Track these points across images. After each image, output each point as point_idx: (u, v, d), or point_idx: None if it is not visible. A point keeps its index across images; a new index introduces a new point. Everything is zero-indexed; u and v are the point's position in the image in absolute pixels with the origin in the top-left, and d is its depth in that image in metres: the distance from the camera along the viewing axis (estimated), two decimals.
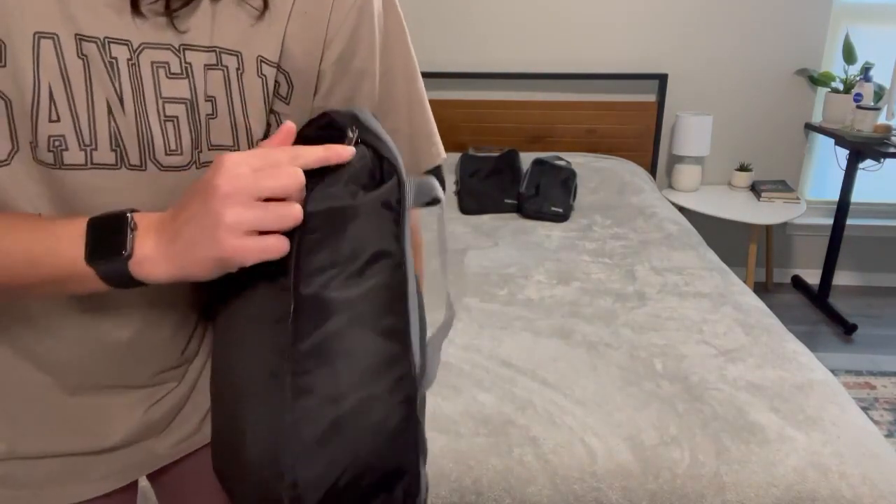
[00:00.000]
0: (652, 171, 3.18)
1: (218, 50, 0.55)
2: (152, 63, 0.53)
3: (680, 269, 2.07)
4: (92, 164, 0.53)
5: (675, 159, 3.20)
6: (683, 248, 2.25)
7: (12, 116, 0.51)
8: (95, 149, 0.53)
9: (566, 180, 2.63)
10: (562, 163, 2.73)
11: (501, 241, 2.34)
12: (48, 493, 0.68)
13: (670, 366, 1.51)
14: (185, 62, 0.54)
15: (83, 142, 0.53)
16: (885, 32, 3.05)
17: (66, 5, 0.50)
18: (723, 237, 3.35)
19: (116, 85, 0.53)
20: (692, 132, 2.98)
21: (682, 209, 3.08)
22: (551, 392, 1.40)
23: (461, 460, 1.22)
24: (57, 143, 0.52)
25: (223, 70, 0.56)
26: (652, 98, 3.14)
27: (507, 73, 3.08)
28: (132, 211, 0.52)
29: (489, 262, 2.12)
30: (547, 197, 2.56)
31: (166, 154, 0.56)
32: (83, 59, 0.51)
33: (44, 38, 0.49)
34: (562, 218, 2.54)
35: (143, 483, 0.84)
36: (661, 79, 3.06)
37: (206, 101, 0.56)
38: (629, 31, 3.05)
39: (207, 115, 0.56)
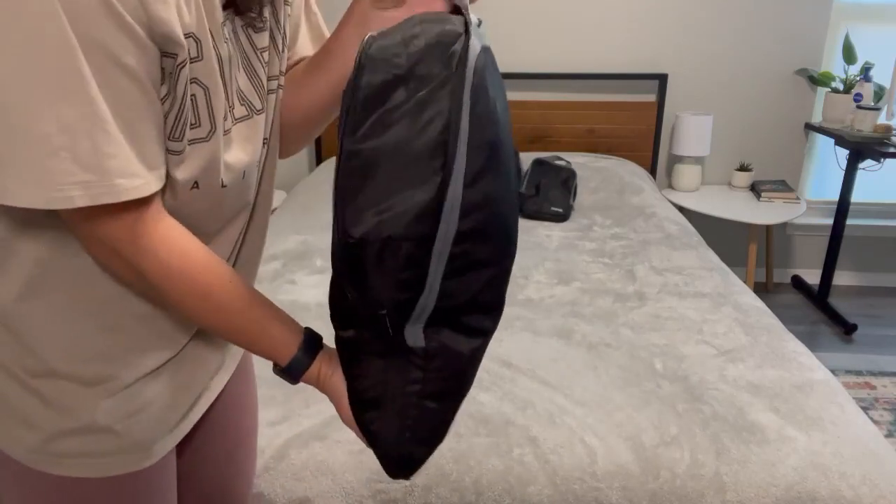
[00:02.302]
0: (652, 171, 3.18)
1: None
2: (242, 25, 0.69)
3: (680, 269, 2.07)
4: (235, 119, 0.69)
5: (675, 159, 3.20)
6: (683, 248, 2.25)
7: (210, 101, 0.64)
8: (233, 107, 0.69)
9: (566, 180, 2.63)
10: (562, 163, 2.73)
11: None
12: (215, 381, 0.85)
13: (670, 366, 1.51)
14: (263, 17, 0.71)
15: (227, 104, 0.68)
16: (885, 32, 3.05)
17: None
18: (723, 237, 3.35)
19: (237, 51, 0.68)
20: (692, 132, 2.98)
21: (682, 209, 3.08)
22: (551, 392, 1.40)
23: (461, 460, 1.22)
24: (230, 108, 0.69)
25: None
26: (652, 98, 3.14)
27: (507, 73, 3.08)
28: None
29: None
30: (547, 197, 2.56)
31: (268, 92, 0.74)
32: (227, 42, 0.66)
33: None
34: (562, 218, 2.54)
35: None
36: (661, 79, 3.06)
37: None
38: (629, 31, 3.05)
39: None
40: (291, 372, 0.71)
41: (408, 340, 0.64)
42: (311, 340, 0.72)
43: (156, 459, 0.77)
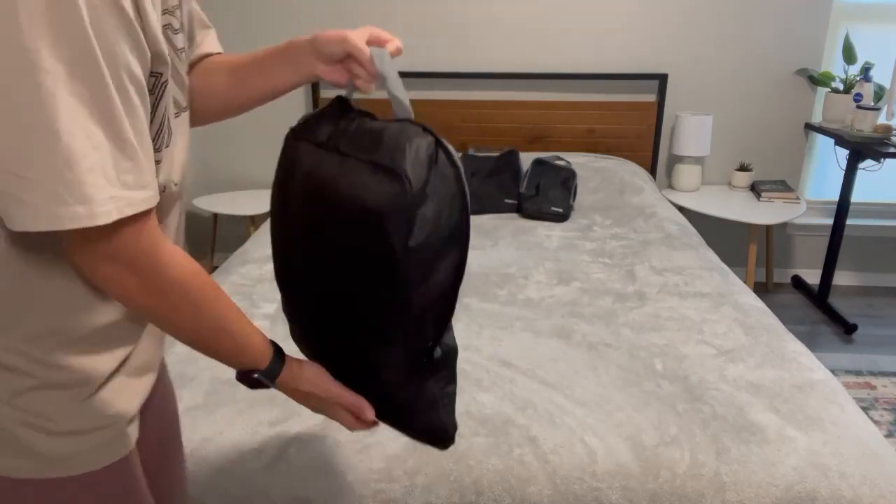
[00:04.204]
0: (652, 171, 3.18)
1: None
2: (170, 26, 0.71)
3: (680, 269, 2.07)
4: (180, 108, 0.76)
5: (675, 159, 3.20)
6: (683, 248, 2.25)
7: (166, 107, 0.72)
8: (168, 92, 0.73)
9: (566, 180, 2.63)
10: (562, 163, 2.73)
11: (501, 241, 2.34)
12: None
13: (670, 366, 1.51)
14: (181, 20, 0.74)
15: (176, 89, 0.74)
16: (885, 32, 3.05)
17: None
18: (723, 237, 3.35)
19: (178, 51, 0.73)
20: (692, 132, 2.98)
21: (682, 209, 3.08)
22: (551, 392, 1.40)
23: (461, 460, 1.22)
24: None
25: None
26: (652, 98, 3.14)
27: (507, 73, 3.08)
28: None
29: (489, 262, 2.12)
30: (547, 197, 2.56)
31: (186, 94, 0.79)
32: (169, 45, 0.70)
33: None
34: (562, 218, 2.54)
35: None
36: (661, 79, 3.06)
37: None
38: (629, 31, 3.05)
39: None
40: (273, 370, 0.78)
41: (436, 355, 0.84)
42: (274, 344, 0.81)
43: (133, 444, 0.80)
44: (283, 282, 0.89)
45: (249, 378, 0.79)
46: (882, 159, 2.67)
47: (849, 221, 3.24)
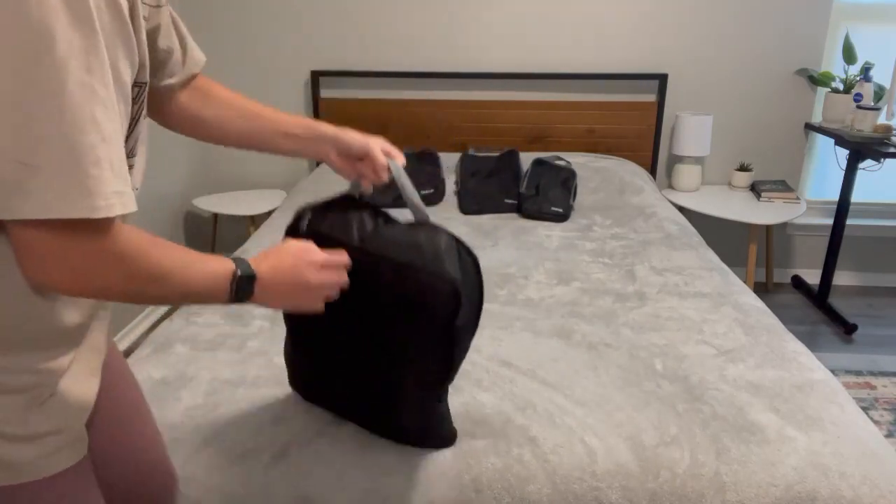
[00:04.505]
0: (652, 171, 3.18)
1: None
2: (146, 27, 0.73)
3: (680, 269, 2.06)
4: (143, 116, 0.78)
5: (675, 159, 3.20)
6: (683, 248, 2.25)
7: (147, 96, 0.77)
8: (146, 101, 0.76)
9: (566, 180, 2.63)
10: (562, 163, 2.73)
11: (501, 241, 2.34)
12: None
13: (670, 366, 1.51)
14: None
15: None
16: (885, 32, 3.05)
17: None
18: (723, 237, 3.35)
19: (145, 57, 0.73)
20: (692, 132, 2.98)
21: (682, 209, 3.08)
22: (551, 392, 1.40)
23: (461, 459, 1.22)
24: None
25: None
26: (652, 98, 3.14)
27: (507, 73, 3.08)
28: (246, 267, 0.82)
29: (489, 262, 2.12)
30: (547, 197, 2.56)
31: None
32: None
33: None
34: (562, 218, 2.54)
35: None
36: (661, 79, 3.06)
37: None
38: (629, 31, 3.05)
39: None
40: (241, 263, 0.80)
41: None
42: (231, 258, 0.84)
43: (86, 447, 0.80)
44: (304, 340, 1.09)
45: (236, 286, 0.78)
46: (882, 159, 2.67)
47: (849, 221, 3.24)
